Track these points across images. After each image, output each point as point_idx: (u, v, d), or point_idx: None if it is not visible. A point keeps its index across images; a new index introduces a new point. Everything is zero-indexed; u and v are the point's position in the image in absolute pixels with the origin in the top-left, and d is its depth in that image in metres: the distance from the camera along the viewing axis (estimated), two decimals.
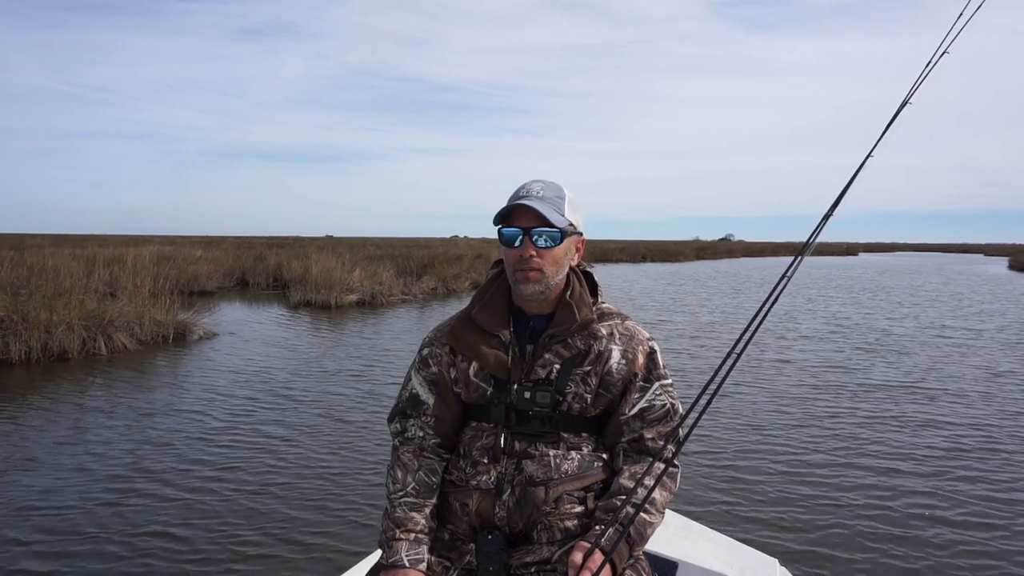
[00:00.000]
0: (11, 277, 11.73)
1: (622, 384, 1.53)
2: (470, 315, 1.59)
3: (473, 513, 1.49)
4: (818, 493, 4.33)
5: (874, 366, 8.65)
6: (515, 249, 1.49)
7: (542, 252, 1.48)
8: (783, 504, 4.14)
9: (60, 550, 3.46)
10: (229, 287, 19.93)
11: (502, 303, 1.59)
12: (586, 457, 1.52)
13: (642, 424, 1.52)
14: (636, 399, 1.53)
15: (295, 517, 3.89)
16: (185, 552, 3.45)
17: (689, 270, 35.55)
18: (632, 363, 1.54)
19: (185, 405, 6.44)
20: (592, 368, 1.52)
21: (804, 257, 1.53)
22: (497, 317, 1.57)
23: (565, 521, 1.47)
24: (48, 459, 4.82)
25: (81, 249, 20.41)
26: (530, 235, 1.48)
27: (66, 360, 8.47)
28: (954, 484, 4.51)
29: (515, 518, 1.47)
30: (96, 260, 14.63)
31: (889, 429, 5.79)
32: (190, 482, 4.41)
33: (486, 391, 1.54)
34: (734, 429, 5.72)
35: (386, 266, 19.05)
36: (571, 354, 1.52)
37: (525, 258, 1.48)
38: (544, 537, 1.47)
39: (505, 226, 1.51)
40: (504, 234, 1.51)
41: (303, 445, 5.20)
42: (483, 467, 1.50)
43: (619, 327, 1.57)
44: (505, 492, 1.48)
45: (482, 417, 1.55)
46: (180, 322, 10.50)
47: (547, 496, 1.46)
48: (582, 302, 1.55)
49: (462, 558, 1.50)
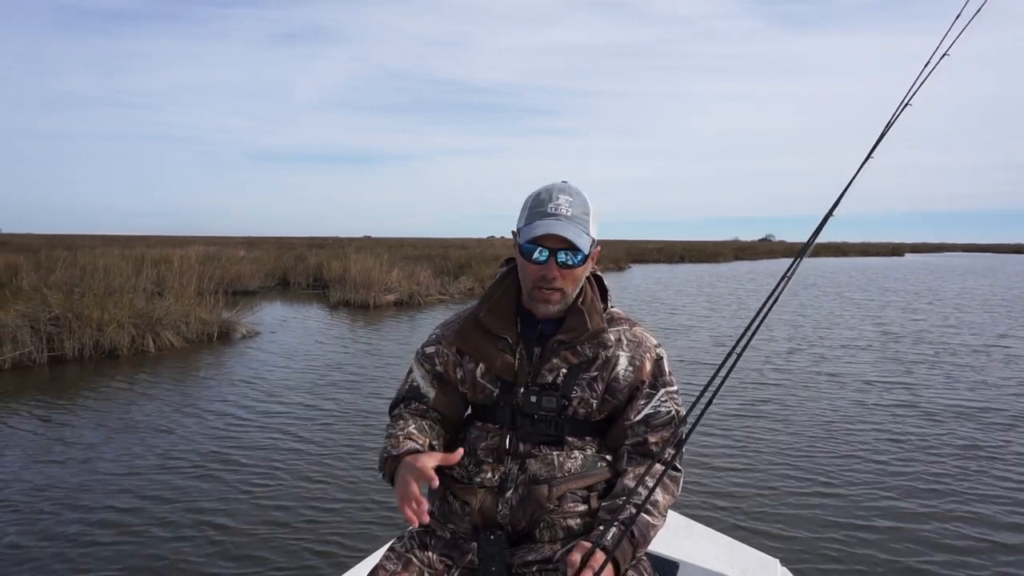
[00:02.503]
0: (65, 277, 12.20)
1: (628, 390, 1.53)
2: (478, 316, 1.58)
3: (476, 511, 1.49)
4: (820, 493, 4.33)
5: (876, 367, 8.51)
6: (538, 266, 1.47)
7: (564, 272, 1.47)
8: (785, 505, 4.15)
9: (106, 533, 3.64)
10: (271, 287, 20.35)
11: (510, 304, 1.57)
12: (589, 457, 1.52)
13: (646, 429, 1.52)
14: (642, 405, 1.53)
15: (328, 507, 4.01)
16: (218, 538, 3.61)
17: (728, 271, 35.09)
18: (639, 370, 1.54)
19: (228, 400, 6.65)
20: (599, 374, 1.52)
21: (803, 259, 1.52)
22: (505, 319, 1.56)
23: (568, 520, 1.47)
24: (101, 448, 5.04)
25: (129, 250, 21.02)
26: (556, 256, 1.46)
27: (116, 357, 8.79)
28: (958, 484, 4.49)
29: (518, 516, 1.47)
30: (144, 260, 15.08)
31: (891, 429, 5.76)
32: (229, 471, 4.58)
33: (492, 393, 1.54)
34: (736, 430, 5.73)
35: (423, 266, 19.23)
36: (579, 360, 1.52)
37: (549, 278, 1.46)
38: (546, 536, 1.48)
39: (529, 242, 1.47)
40: (528, 249, 1.47)
41: (340, 437, 5.35)
42: (487, 466, 1.51)
43: (627, 333, 1.57)
44: (508, 490, 1.48)
45: (487, 418, 1.55)
46: (224, 321, 10.78)
47: (551, 494, 1.46)
48: (593, 309, 1.54)
49: (464, 557, 1.50)
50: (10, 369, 7.86)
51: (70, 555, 3.43)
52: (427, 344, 1.65)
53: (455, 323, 1.64)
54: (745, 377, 7.76)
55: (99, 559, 3.40)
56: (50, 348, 8.39)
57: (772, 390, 7.24)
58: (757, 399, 6.82)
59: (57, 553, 3.44)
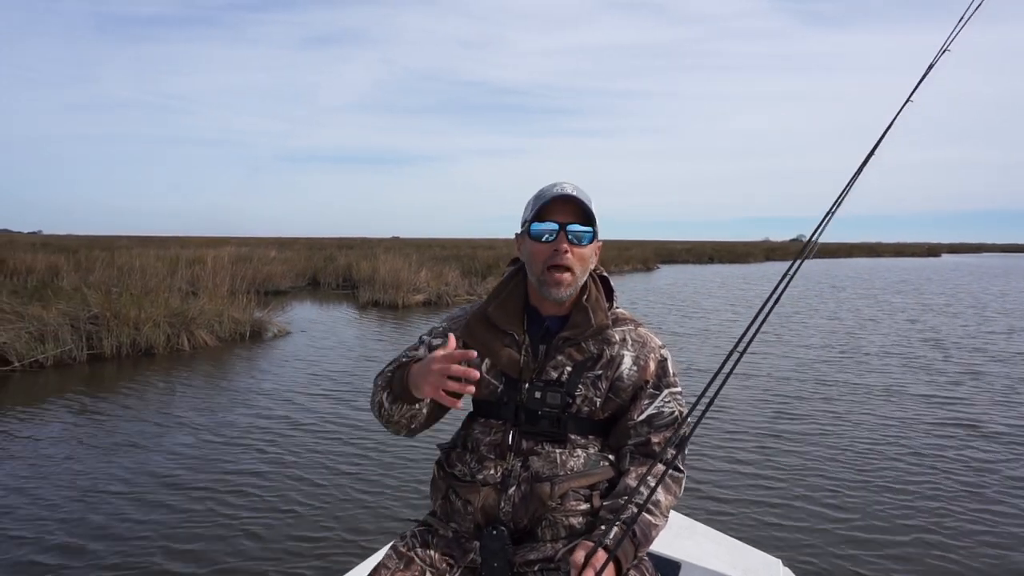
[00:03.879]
0: (104, 277, 12.52)
1: (632, 390, 1.54)
2: (486, 312, 1.59)
3: (478, 509, 1.50)
4: (822, 494, 4.33)
5: (879, 367, 8.42)
6: (548, 244, 1.49)
7: (574, 249, 1.49)
8: (786, 505, 4.15)
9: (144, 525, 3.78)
10: (301, 287, 20.64)
11: (518, 302, 1.59)
12: (592, 456, 1.52)
13: (649, 429, 1.53)
14: (645, 405, 1.53)
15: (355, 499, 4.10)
16: (254, 530, 3.72)
17: (757, 271, 34.68)
18: (643, 370, 1.55)
19: (259, 397, 6.81)
20: (603, 372, 1.53)
21: (804, 260, 1.52)
22: (512, 316, 1.57)
23: (570, 518, 1.47)
24: (140, 443, 5.21)
25: (164, 250, 21.47)
26: (566, 230, 1.49)
27: (152, 355, 9.02)
28: (962, 485, 4.47)
29: (520, 513, 1.47)
30: (179, 261, 15.40)
31: (893, 430, 5.74)
32: (262, 465, 4.70)
33: (497, 388, 1.55)
34: (738, 430, 5.72)
35: (451, 267, 19.34)
36: (584, 357, 1.53)
37: (560, 251, 1.48)
38: (548, 534, 1.48)
39: (538, 221, 1.50)
40: (537, 229, 1.50)
41: (366, 435, 5.44)
42: (490, 462, 1.51)
43: (632, 333, 1.58)
44: (511, 487, 1.48)
45: (491, 414, 1.55)
46: (256, 320, 10.99)
47: (553, 491, 1.46)
48: (598, 307, 1.56)
49: (466, 556, 1.50)
50: (52, 366, 8.11)
51: (110, 544, 3.57)
52: (434, 336, 1.64)
53: (462, 318, 1.65)
54: (746, 377, 7.75)
55: (135, 547, 3.53)
56: (89, 346, 8.63)
57: (776, 391, 7.20)
58: (758, 399, 6.80)
59: (99, 541, 3.59)
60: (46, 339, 8.25)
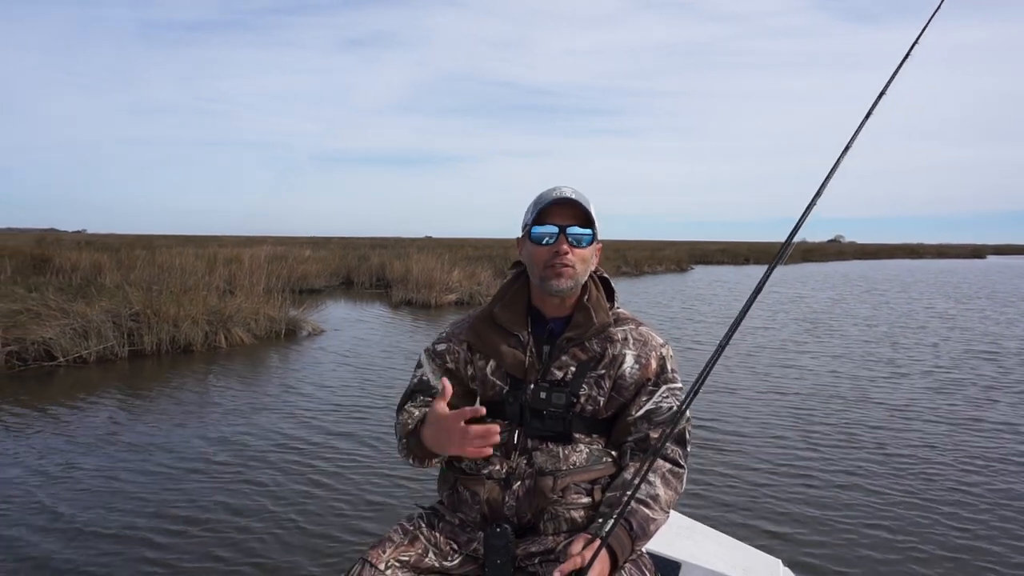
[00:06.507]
0: (144, 275, 12.83)
1: (634, 388, 1.58)
2: (490, 314, 1.64)
3: (484, 502, 1.54)
4: (822, 494, 4.31)
5: (879, 367, 8.23)
6: (548, 247, 1.54)
7: (574, 251, 1.54)
8: (787, 505, 4.15)
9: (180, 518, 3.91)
10: (335, 286, 20.91)
11: (522, 304, 1.64)
12: (595, 452, 1.56)
13: (648, 425, 1.55)
14: (644, 401, 1.57)
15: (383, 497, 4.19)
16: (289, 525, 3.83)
17: (794, 273, 34.14)
18: (645, 368, 1.58)
19: (295, 394, 6.96)
20: (606, 371, 1.57)
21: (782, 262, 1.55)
22: (517, 317, 1.62)
23: (571, 511, 1.52)
24: (179, 437, 5.38)
25: (203, 249, 21.88)
26: (566, 233, 1.53)
27: (191, 352, 9.23)
28: (963, 486, 4.44)
29: (523, 508, 1.51)
30: (216, 259, 15.70)
31: (895, 430, 5.70)
32: (297, 461, 4.81)
33: (502, 389, 1.59)
34: (739, 430, 5.70)
35: (483, 267, 19.42)
36: (587, 357, 1.57)
37: (561, 253, 1.52)
38: (550, 528, 1.52)
39: (538, 224, 1.56)
40: (538, 232, 1.55)
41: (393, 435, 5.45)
42: (495, 459, 1.54)
43: (633, 332, 1.61)
44: (515, 483, 1.52)
45: (497, 414, 1.57)
46: (291, 319, 11.17)
47: (555, 485, 1.50)
48: (599, 306, 1.60)
49: (469, 544, 1.55)
50: (95, 362, 8.36)
51: (146, 536, 3.70)
52: (438, 341, 1.70)
53: (466, 321, 1.70)
54: (749, 378, 7.71)
55: (171, 537, 3.66)
56: (130, 343, 8.88)
57: (776, 391, 7.16)
58: (759, 400, 6.77)
59: (135, 532, 3.73)
60: (89, 335, 8.50)
